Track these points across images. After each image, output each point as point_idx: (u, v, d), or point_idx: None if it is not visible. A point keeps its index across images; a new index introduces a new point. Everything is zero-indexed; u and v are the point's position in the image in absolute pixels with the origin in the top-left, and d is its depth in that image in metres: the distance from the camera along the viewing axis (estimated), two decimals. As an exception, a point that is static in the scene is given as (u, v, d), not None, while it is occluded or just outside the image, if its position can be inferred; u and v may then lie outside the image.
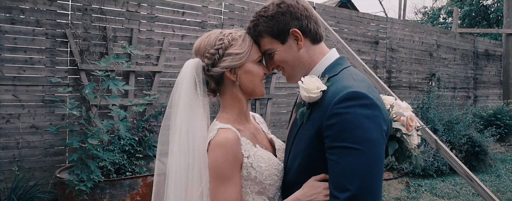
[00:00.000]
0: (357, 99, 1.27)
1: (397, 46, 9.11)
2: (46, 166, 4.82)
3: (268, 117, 6.67)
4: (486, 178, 6.90)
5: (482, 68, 11.70)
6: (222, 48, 1.53)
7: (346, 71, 1.47)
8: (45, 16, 4.76)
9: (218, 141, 1.44)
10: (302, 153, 1.42)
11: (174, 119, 1.53)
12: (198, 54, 1.59)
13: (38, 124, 4.77)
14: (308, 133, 1.38)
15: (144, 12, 5.50)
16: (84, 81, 4.88)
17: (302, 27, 1.50)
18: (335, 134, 1.26)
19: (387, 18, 9.14)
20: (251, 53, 1.55)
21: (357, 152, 1.23)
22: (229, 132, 1.47)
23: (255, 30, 1.54)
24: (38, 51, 4.74)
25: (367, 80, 1.45)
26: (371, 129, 1.25)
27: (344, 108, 1.26)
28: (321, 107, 1.35)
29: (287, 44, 1.51)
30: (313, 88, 1.35)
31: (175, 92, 1.56)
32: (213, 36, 1.57)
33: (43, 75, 4.77)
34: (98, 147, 4.33)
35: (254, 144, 1.55)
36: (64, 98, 4.84)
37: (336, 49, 1.61)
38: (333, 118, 1.27)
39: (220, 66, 1.53)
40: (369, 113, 1.27)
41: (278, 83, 6.93)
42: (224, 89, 1.60)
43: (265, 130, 1.77)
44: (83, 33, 4.97)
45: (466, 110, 9.10)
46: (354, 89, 1.30)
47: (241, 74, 1.55)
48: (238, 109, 1.60)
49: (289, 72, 1.56)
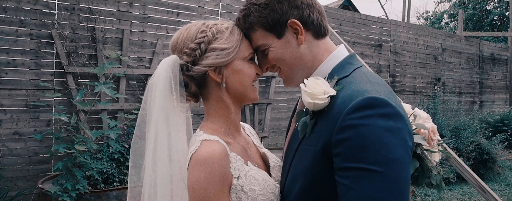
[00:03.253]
0: (376, 107, 0.99)
1: (401, 50, 8.84)
2: (30, 175, 4.54)
3: (267, 123, 6.38)
4: (495, 187, 6.62)
5: (487, 72, 11.43)
6: (205, 42, 1.25)
7: (359, 72, 1.18)
8: (30, 15, 4.48)
9: (202, 156, 1.15)
10: (304, 174, 1.13)
11: (147, 130, 1.28)
12: (175, 50, 1.32)
13: (21, 130, 4.48)
14: (312, 149, 1.09)
15: (136, 12, 5.23)
16: (70, 85, 4.60)
17: (303, 18, 1.22)
18: (349, 152, 0.98)
19: (391, 20, 8.87)
20: (240, 49, 1.27)
21: (377, 175, 0.96)
22: (215, 145, 1.19)
23: (246, 22, 1.26)
24: (22, 53, 4.47)
25: (386, 84, 1.15)
26: (395, 146, 0.97)
27: (359, 118, 0.98)
28: (329, 116, 1.06)
29: (285, 38, 1.23)
30: (319, 93, 1.05)
31: (147, 98, 1.30)
32: (193, 28, 1.30)
33: (27, 79, 4.50)
34: (86, 154, 4.06)
35: (246, 161, 1.26)
36: (49, 102, 4.56)
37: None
38: (345, 131, 0.99)
39: (202, 64, 1.26)
40: (392, 124, 0.99)
41: (277, 87, 6.63)
42: (208, 93, 1.32)
43: (257, 143, 1.49)
44: (71, 34, 4.69)
45: (472, 116, 8.81)
46: (372, 95, 1.01)
47: (228, 75, 1.27)
48: (225, 117, 1.32)
49: (287, 73, 1.28)
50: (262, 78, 6.31)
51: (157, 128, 1.25)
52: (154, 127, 1.26)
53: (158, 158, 1.26)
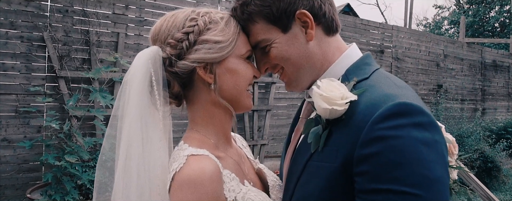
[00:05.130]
0: (410, 115, 0.81)
1: (403, 56, 8.67)
2: (19, 183, 4.33)
3: (267, 130, 6.19)
4: (501, 197, 6.43)
5: (489, 79, 11.26)
6: (194, 33, 1.02)
7: (380, 74, 0.99)
8: (21, 17, 4.30)
9: (189, 176, 0.92)
10: (317, 198, 0.92)
11: (117, 144, 1.02)
12: (157, 40, 1.08)
13: (11, 136, 4.29)
14: (327, 166, 0.89)
15: (132, 15, 5.05)
16: (63, 89, 4.41)
17: (314, 9, 1.01)
18: (378, 170, 0.80)
19: (392, 26, 8.72)
20: (237, 45, 1.05)
21: (414, 199, 0.77)
22: (205, 161, 0.96)
23: (244, 12, 1.05)
24: (12, 56, 4.28)
25: (411, 88, 0.96)
26: (434, 162, 0.79)
27: (391, 128, 0.79)
28: (349, 126, 0.87)
29: (291, 33, 1.03)
30: (337, 98, 0.86)
31: (120, 100, 1.04)
32: (181, 15, 1.07)
33: (18, 83, 4.31)
34: (77, 165, 3.86)
35: (242, 180, 1.04)
36: (40, 108, 4.37)
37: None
38: (373, 145, 0.80)
39: (190, 59, 1.02)
40: (428, 136, 0.81)
41: (277, 93, 6.44)
42: (194, 96, 1.09)
43: (250, 156, 1.25)
44: (63, 37, 4.51)
45: (475, 123, 8.64)
46: (403, 100, 0.83)
47: (221, 74, 1.04)
48: (215, 126, 1.09)
49: (291, 75, 1.07)
50: (262, 84, 6.13)
51: (130, 139, 1.01)
52: (126, 137, 1.01)
53: (129, 181, 1.01)
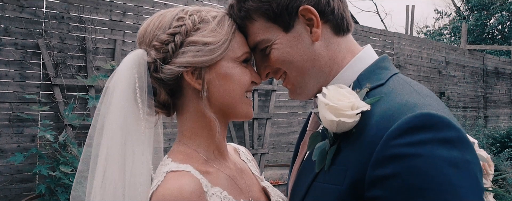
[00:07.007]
0: (435, 129, 0.67)
1: (405, 63, 8.58)
2: (12, 194, 4.20)
3: (267, 138, 6.06)
4: (507, 207, 6.26)
5: (492, 86, 11.17)
6: (181, 33, 0.92)
7: (398, 79, 0.86)
8: (15, 24, 4.21)
9: (163, 195, 0.82)
10: None
11: (95, 154, 0.92)
12: (142, 42, 0.99)
13: (4, 146, 4.18)
14: (334, 189, 0.77)
15: (129, 22, 4.96)
16: (58, 98, 4.31)
17: (320, 5, 0.89)
18: (393, 197, 0.66)
19: (394, 33, 8.63)
20: (230, 46, 0.94)
21: None
22: (184, 178, 0.85)
23: (241, 9, 0.93)
24: (6, 64, 4.19)
25: (437, 97, 0.83)
26: (465, 189, 0.65)
27: (410, 145, 0.66)
28: (360, 141, 0.74)
29: (294, 32, 0.91)
30: (346, 108, 0.73)
31: (101, 107, 0.95)
32: (169, 14, 0.97)
33: (11, 91, 4.21)
34: (71, 176, 3.75)
35: (237, 197, 0.92)
36: (35, 116, 4.26)
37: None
38: (388, 165, 0.67)
39: (176, 63, 0.92)
40: (457, 156, 0.67)
41: (278, 101, 6.32)
42: (183, 104, 0.98)
43: (256, 172, 1.13)
44: (59, 44, 4.41)
45: (478, 131, 8.50)
46: (426, 111, 0.69)
47: (211, 80, 0.93)
48: (205, 138, 0.97)
49: (296, 81, 0.94)
50: (262, 92, 6.02)
51: (110, 152, 0.91)
52: (105, 150, 0.91)
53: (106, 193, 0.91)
